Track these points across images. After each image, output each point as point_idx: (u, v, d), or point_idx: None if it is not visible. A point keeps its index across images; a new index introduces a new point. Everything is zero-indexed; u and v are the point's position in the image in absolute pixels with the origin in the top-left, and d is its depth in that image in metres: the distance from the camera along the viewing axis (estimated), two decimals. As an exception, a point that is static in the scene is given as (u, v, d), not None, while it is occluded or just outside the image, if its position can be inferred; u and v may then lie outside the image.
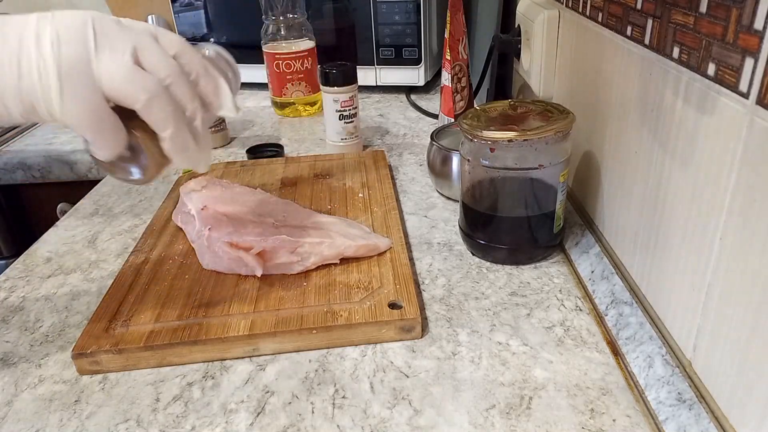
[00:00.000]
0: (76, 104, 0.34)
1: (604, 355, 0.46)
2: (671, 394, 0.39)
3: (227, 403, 0.44)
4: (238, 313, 0.50)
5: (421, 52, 1.04)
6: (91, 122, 0.35)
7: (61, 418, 0.43)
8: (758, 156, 0.31)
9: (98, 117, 0.35)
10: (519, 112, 0.56)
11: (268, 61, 0.99)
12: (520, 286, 0.55)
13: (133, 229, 0.69)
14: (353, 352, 0.48)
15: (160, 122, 0.37)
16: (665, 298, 0.43)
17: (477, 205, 0.58)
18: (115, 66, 0.35)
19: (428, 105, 1.05)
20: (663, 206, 0.43)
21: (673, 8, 0.39)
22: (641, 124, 0.46)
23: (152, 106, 0.36)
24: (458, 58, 0.78)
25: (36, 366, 0.48)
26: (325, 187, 0.71)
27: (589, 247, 0.57)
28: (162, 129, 0.37)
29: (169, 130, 0.37)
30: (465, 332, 0.49)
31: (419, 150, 0.87)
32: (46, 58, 0.34)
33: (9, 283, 0.60)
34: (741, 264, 0.33)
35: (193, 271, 0.56)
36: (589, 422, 0.40)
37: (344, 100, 0.80)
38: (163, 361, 0.47)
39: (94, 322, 0.49)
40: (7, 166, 0.96)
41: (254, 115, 1.06)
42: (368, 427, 0.41)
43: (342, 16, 1.05)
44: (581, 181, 0.62)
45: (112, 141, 0.36)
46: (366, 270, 0.55)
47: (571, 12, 0.62)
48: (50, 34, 0.34)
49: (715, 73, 0.35)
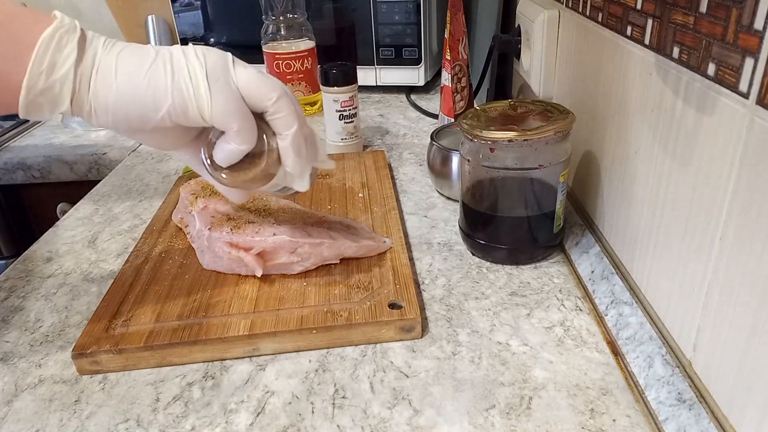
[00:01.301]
0: (224, 100, 0.40)
1: (604, 355, 0.46)
2: (671, 394, 0.39)
3: (227, 403, 0.44)
4: (238, 313, 0.50)
5: (421, 52, 1.04)
6: (237, 114, 0.41)
7: (61, 418, 0.43)
8: (758, 156, 0.31)
9: (242, 110, 0.41)
10: (519, 112, 0.56)
11: (268, 61, 0.99)
12: (520, 286, 0.55)
13: (133, 229, 0.69)
14: (353, 352, 0.48)
15: (288, 118, 0.43)
16: (665, 298, 0.43)
17: (477, 205, 0.58)
18: (249, 73, 0.41)
19: (428, 105, 1.05)
20: (663, 206, 0.43)
21: (673, 8, 0.39)
22: (641, 124, 0.46)
23: (281, 104, 0.42)
24: (458, 58, 0.78)
25: (36, 366, 0.48)
26: (325, 187, 0.71)
27: (589, 247, 0.57)
28: (288, 126, 0.43)
29: (293, 128, 0.43)
30: (465, 332, 0.49)
31: (419, 150, 0.87)
32: (194, 64, 0.40)
33: (9, 283, 0.60)
34: (741, 264, 0.33)
35: (193, 271, 0.56)
36: (589, 422, 0.40)
37: (344, 100, 0.80)
38: (163, 361, 0.47)
39: (94, 322, 0.49)
40: (7, 166, 0.96)
41: (254, 115, 1.06)
42: (368, 427, 0.41)
43: (342, 16, 1.05)
44: (581, 181, 0.62)
45: (251, 132, 0.42)
46: (366, 270, 0.55)
47: (571, 12, 0.62)
48: (194, 49, 0.40)
49: (715, 73, 0.35)
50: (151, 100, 0.39)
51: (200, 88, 0.39)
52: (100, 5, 1.41)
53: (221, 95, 0.40)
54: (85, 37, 0.38)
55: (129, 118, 0.39)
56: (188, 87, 0.39)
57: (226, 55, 0.41)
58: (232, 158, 0.43)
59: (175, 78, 0.39)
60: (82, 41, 0.38)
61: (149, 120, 0.40)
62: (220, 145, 0.43)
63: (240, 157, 0.43)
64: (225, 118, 0.40)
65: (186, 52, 0.40)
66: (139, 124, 0.40)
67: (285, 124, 0.43)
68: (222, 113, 0.40)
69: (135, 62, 0.39)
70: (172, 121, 0.40)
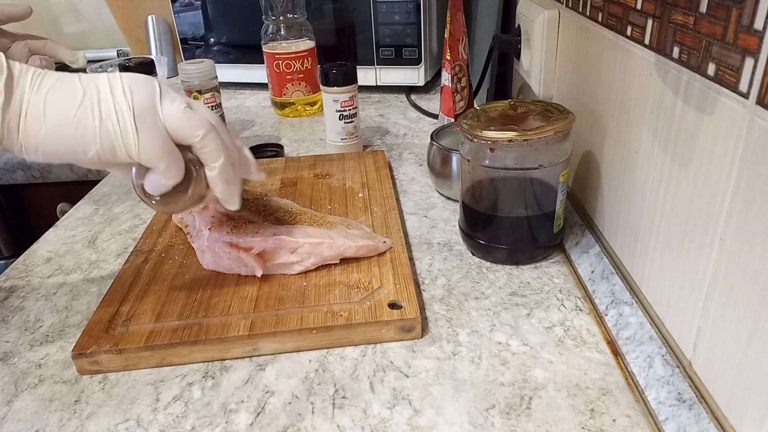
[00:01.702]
0: (151, 142, 0.41)
1: (604, 355, 0.46)
2: (671, 394, 0.39)
3: (227, 403, 0.44)
4: (238, 313, 0.50)
5: (421, 52, 1.04)
6: (164, 153, 0.42)
7: (61, 418, 0.43)
8: (758, 156, 0.31)
9: (169, 148, 0.42)
10: (519, 112, 0.56)
11: (268, 61, 0.99)
12: (520, 286, 0.55)
13: (133, 229, 0.69)
14: (353, 352, 0.48)
15: (214, 152, 0.44)
16: (665, 298, 0.43)
17: (477, 205, 0.58)
18: (176, 110, 0.42)
19: (428, 105, 1.05)
20: (663, 206, 0.43)
21: (673, 8, 0.39)
22: (641, 124, 0.46)
23: (207, 139, 0.43)
24: (458, 58, 0.78)
25: (36, 366, 0.48)
26: (325, 187, 0.71)
27: (589, 247, 0.57)
28: (214, 159, 0.44)
29: (220, 161, 0.45)
30: (465, 332, 0.49)
31: (419, 150, 0.87)
32: (121, 105, 0.40)
33: (9, 283, 0.60)
34: (741, 264, 0.33)
35: (193, 271, 0.56)
36: (589, 422, 0.40)
37: (344, 100, 0.80)
38: (163, 361, 0.47)
39: (94, 322, 0.49)
40: (7, 166, 0.96)
41: (254, 115, 1.06)
42: (368, 427, 0.41)
43: (342, 16, 1.05)
44: (581, 181, 0.62)
45: (178, 169, 0.43)
46: (366, 270, 0.55)
47: (571, 12, 0.62)
48: (122, 84, 0.41)
49: (715, 73, 0.35)
50: (80, 143, 0.40)
51: (128, 131, 0.40)
52: (100, 5, 1.41)
53: (148, 137, 0.41)
54: (12, 76, 0.39)
55: (59, 156, 0.41)
56: (116, 130, 0.40)
57: (153, 89, 0.42)
58: (160, 190, 0.45)
59: (103, 122, 0.40)
60: (9, 81, 0.38)
61: (79, 159, 0.41)
62: (149, 177, 0.44)
63: (168, 189, 0.45)
64: (152, 159, 0.42)
65: (113, 89, 0.40)
66: (71, 160, 0.41)
67: (211, 157, 0.44)
68: (149, 155, 0.42)
69: (63, 104, 0.40)
70: (101, 161, 0.42)
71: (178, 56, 1.25)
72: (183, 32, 1.16)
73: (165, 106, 0.42)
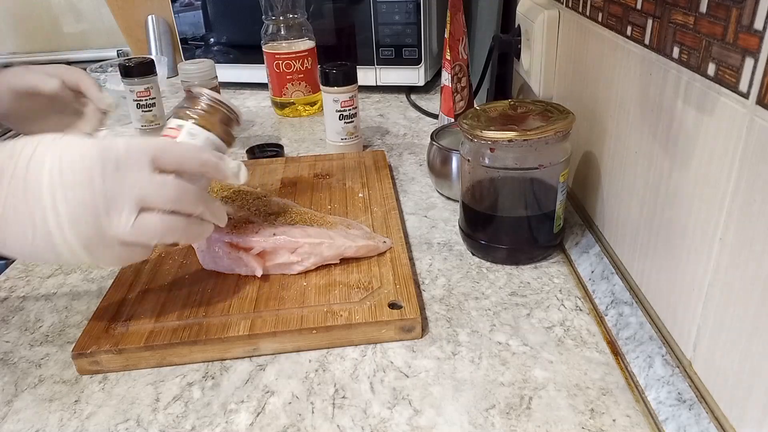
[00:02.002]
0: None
1: (604, 355, 0.46)
2: (671, 394, 0.39)
3: (227, 403, 0.44)
4: (238, 313, 0.50)
5: (421, 52, 1.04)
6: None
7: (61, 418, 0.43)
8: (758, 156, 0.31)
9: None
10: (519, 112, 0.56)
11: (268, 61, 0.99)
12: (520, 286, 0.55)
13: (133, 229, 0.69)
14: (353, 352, 0.48)
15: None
16: (665, 298, 0.43)
17: (477, 205, 0.58)
18: (122, 228, 0.40)
19: (428, 105, 1.05)
20: (663, 206, 0.43)
21: (673, 8, 0.39)
22: (641, 124, 0.46)
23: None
24: (458, 58, 0.78)
25: (36, 366, 0.48)
26: (325, 187, 0.71)
27: (589, 247, 0.57)
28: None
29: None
30: (465, 332, 0.49)
31: (419, 150, 0.87)
32: (71, 242, 0.39)
33: (9, 283, 0.60)
34: (741, 264, 0.33)
35: (193, 271, 0.56)
36: (589, 422, 0.40)
37: (344, 100, 0.80)
38: (163, 361, 0.47)
39: (94, 322, 0.49)
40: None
41: (254, 115, 1.06)
42: (368, 427, 0.41)
43: (342, 16, 1.05)
44: (581, 181, 0.62)
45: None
46: (366, 270, 0.55)
47: (571, 12, 0.62)
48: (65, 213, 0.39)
49: (715, 73, 0.35)
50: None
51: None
52: (100, 5, 1.41)
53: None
54: None
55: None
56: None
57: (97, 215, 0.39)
58: None
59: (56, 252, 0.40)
60: None
61: None
62: None
63: None
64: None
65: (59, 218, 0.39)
66: None
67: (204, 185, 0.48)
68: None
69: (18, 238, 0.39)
70: None
71: (178, 56, 1.25)
72: (183, 32, 1.16)
73: (113, 224, 0.40)
